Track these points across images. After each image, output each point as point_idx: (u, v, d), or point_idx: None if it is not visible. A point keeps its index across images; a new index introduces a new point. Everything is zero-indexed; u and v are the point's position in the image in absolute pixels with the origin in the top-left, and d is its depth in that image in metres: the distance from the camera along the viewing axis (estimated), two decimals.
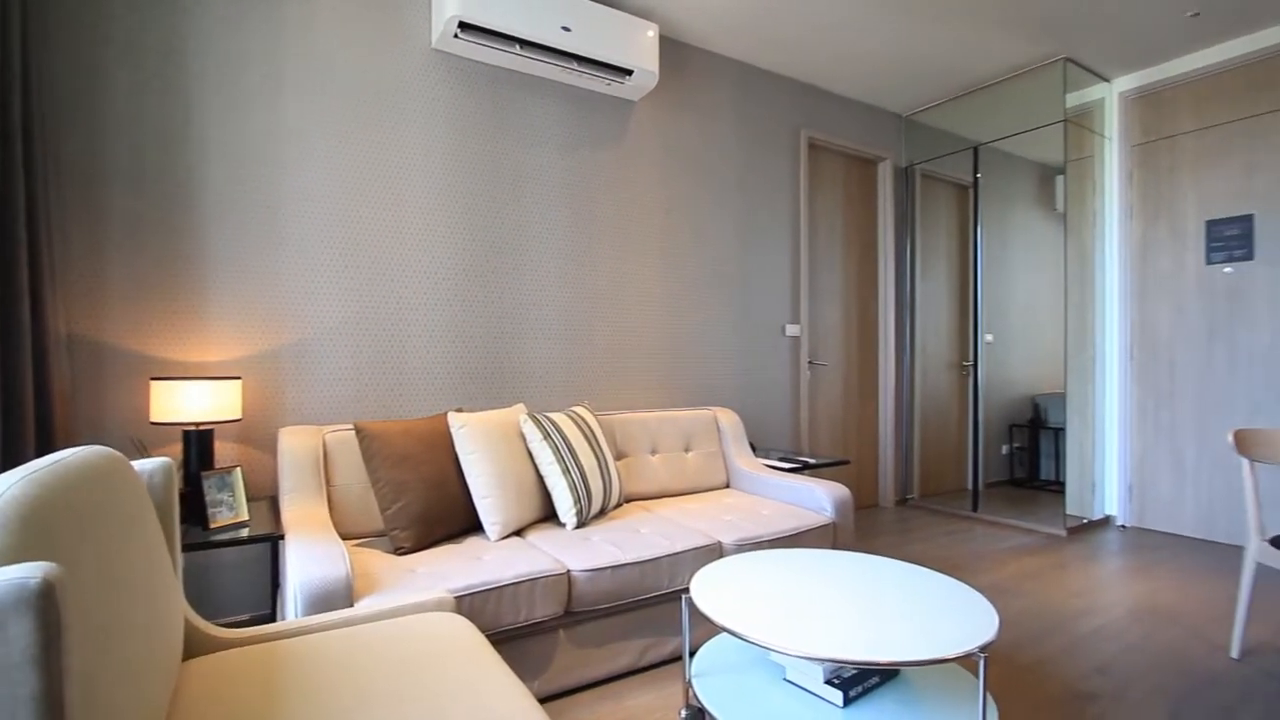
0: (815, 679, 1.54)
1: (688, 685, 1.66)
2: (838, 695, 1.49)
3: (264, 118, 2.34)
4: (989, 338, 4.38)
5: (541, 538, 2.11)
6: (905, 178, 4.53)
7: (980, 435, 4.32)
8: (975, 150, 4.28)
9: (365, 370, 2.53)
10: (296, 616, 1.50)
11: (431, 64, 2.69)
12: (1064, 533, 3.69)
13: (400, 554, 1.92)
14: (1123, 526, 3.89)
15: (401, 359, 2.61)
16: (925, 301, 4.56)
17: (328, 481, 2.13)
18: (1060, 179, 3.89)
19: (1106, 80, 3.97)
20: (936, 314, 4.59)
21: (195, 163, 2.23)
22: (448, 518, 2.05)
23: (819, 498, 2.57)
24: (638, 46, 2.90)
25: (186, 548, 1.70)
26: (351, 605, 1.56)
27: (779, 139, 3.84)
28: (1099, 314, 4.05)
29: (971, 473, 4.37)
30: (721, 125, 3.59)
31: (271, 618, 2.14)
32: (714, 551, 2.16)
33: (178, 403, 1.94)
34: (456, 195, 2.75)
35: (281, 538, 1.82)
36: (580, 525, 2.23)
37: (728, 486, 3.05)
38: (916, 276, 4.54)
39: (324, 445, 2.18)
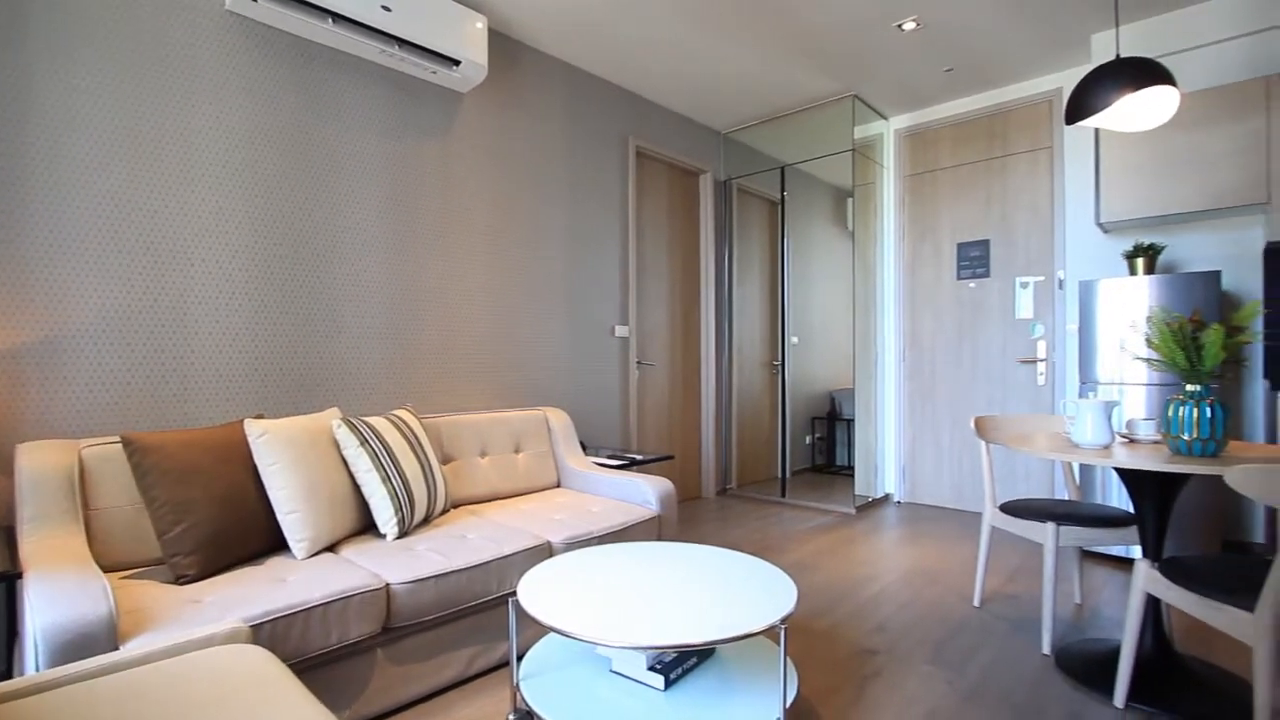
0: (639, 667, 1.61)
1: (515, 689, 1.65)
2: (659, 680, 1.57)
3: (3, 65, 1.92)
4: (795, 340, 4.87)
5: (358, 551, 1.97)
6: (724, 191, 4.87)
7: (787, 428, 4.78)
8: (782, 170, 4.73)
9: (138, 373, 2.18)
10: (38, 670, 1.25)
11: (226, 27, 2.39)
12: (854, 511, 4.21)
13: (183, 583, 1.68)
14: (899, 502, 4.53)
15: (185, 360, 2.28)
16: (742, 306, 4.95)
17: (86, 505, 1.81)
18: (850, 201, 4.44)
19: (885, 118, 4.60)
20: (751, 318, 5.00)
21: None
22: (244, 538, 1.83)
23: (645, 492, 2.68)
24: (466, 36, 2.82)
25: None
26: (117, 648, 1.34)
27: (608, 145, 3.94)
28: (879, 320, 4.68)
29: (780, 462, 4.82)
30: (552, 127, 3.60)
31: (8, 674, 1.76)
32: (543, 552, 2.17)
33: None
34: (257, 175, 2.46)
35: (19, 576, 1.51)
36: (403, 535, 2.12)
37: (559, 486, 3.07)
38: (734, 283, 4.91)
39: (81, 462, 1.84)
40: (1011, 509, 2.42)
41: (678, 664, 1.64)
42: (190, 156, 2.30)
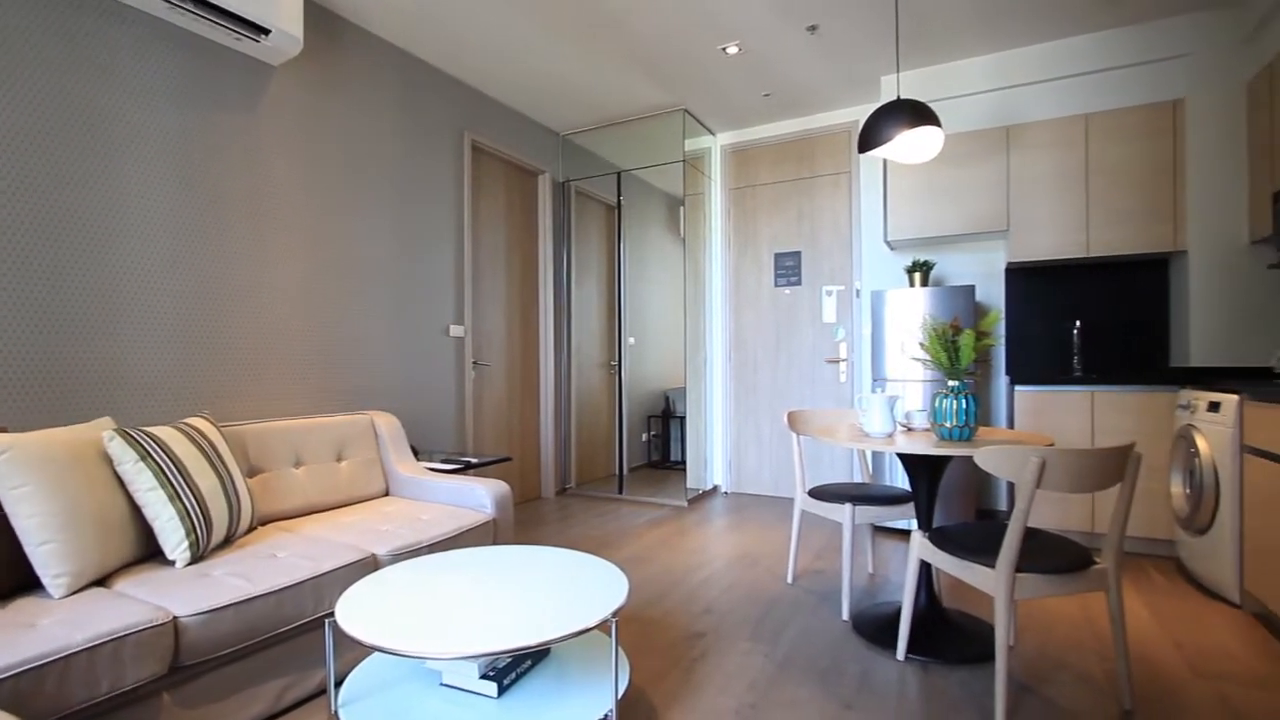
0: (471, 677, 1.57)
1: (333, 717, 1.53)
2: (492, 687, 1.55)
3: None
4: (631, 340, 5.03)
5: (138, 583, 1.71)
6: (563, 192, 4.89)
7: (624, 426, 4.92)
8: (619, 175, 4.86)
9: None
10: None
11: None
12: (686, 504, 4.45)
13: None
14: (726, 493, 4.85)
15: None
16: (580, 307, 5.01)
17: None
18: (682, 209, 4.68)
19: (713, 133, 4.91)
20: (589, 319, 5.08)
21: None
22: None
23: (480, 496, 2.62)
24: (276, 3, 2.55)
25: None
26: None
27: (443, 138, 3.78)
28: (708, 322, 4.98)
29: (618, 460, 4.94)
30: (381, 113, 3.38)
31: None
32: (368, 565, 2.03)
33: None
34: (2, 136, 2.03)
35: None
36: (197, 559, 1.87)
37: (387, 494, 2.90)
38: (572, 284, 4.95)
39: None
40: (817, 493, 2.70)
41: (512, 669, 1.62)
42: None
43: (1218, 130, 3.20)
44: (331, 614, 1.90)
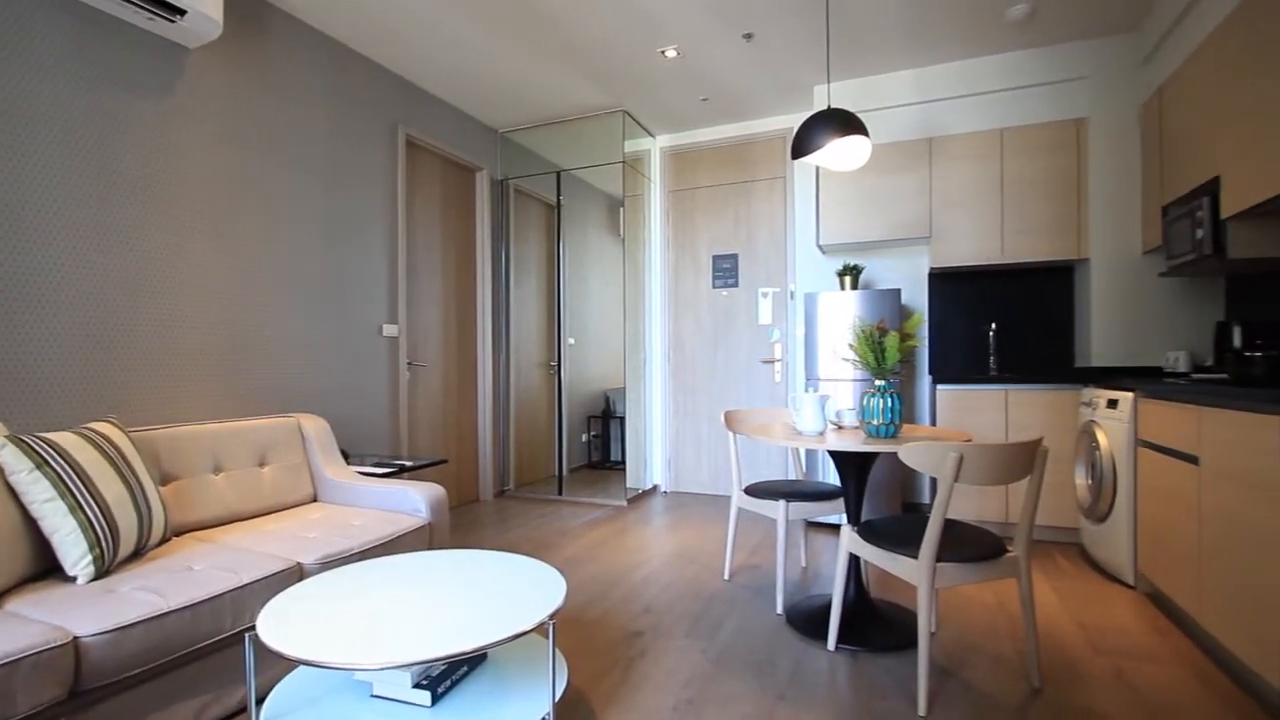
0: (403, 686, 1.53)
1: None
2: (425, 696, 1.51)
3: None
4: (571, 341, 5.00)
5: (33, 602, 1.58)
6: (501, 190, 4.82)
7: (564, 426, 4.89)
8: (559, 175, 4.83)
9: None
10: None
11: None
12: (625, 503, 4.46)
13: None
14: (665, 492, 4.90)
15: None
16: (519, 307, 4.95)
17: None
18: (622, 210, 4.69)
19: (652, 136, 4.95)
20: (528, 318, 5.03)
21: None
22: None
23: (414, 500, 2.55)
24: None
25: None
26: None
27: (375, 130, 3.66)
28: (648, 323, 5.02)
29: (558, 460, 4.91)
30: (308, 102, 3.24)
31: None
32: (293, 575, 1.95)
33: None
34: None
35: None
36: (102, 575, 1.74)
37: (315, 500, 2.78)
38: (511, 283, 4.88)
39: None
40: (753, 491, 2.77)
41: (446, 676, 1.59)
42: None
43: (1115, 148, 3.46)
44: (252, 627, 1.81)
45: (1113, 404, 2.82)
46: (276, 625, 1.43)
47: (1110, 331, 3.46)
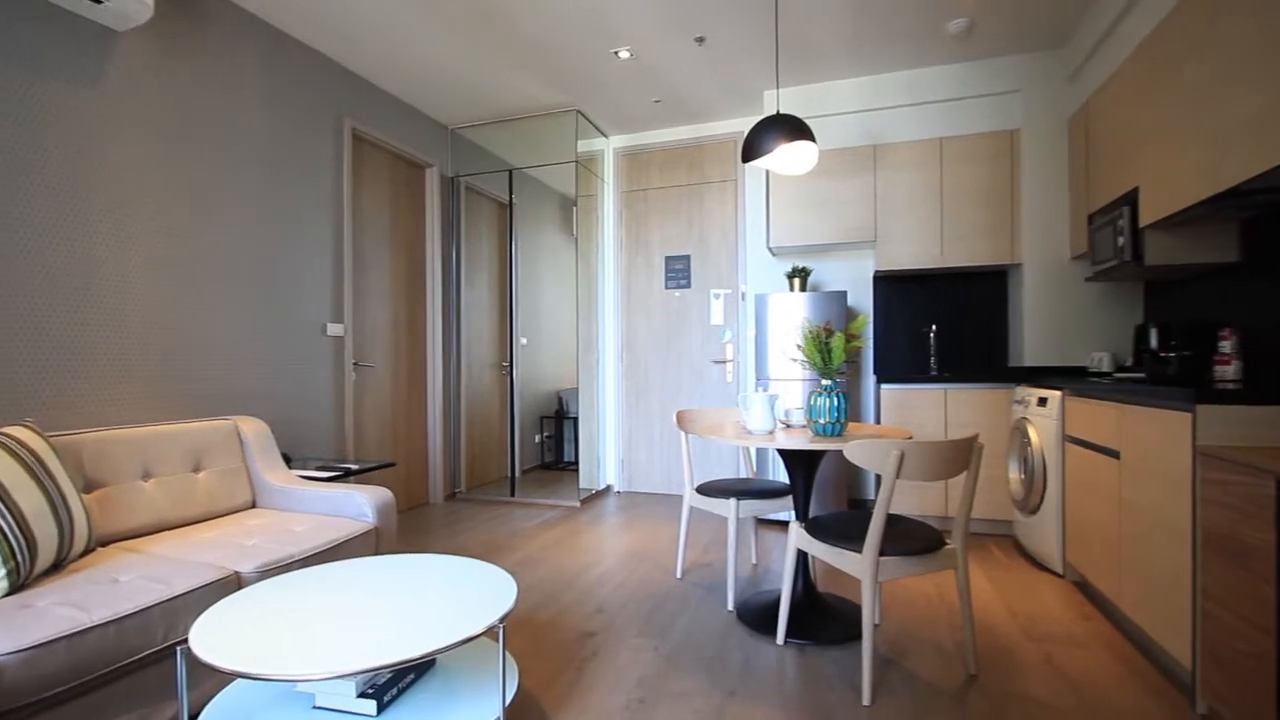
0: (348, 696, 1.49)
1: None
2: (371, 705, 1.47)
3: None
4: (524, 341, 4.95)
5: None
6: (452, 187, 4.74)
7: (517, 427, 4.84)
8: (511, 173, 4.78)
9: None
10: None
11: None
12: (579, 504, 4.45)
13: None
14: (618, 492, 4.90)
15: None
16: (470, 306, 4.87)
17: None
18: (575, 210, 4.67)
19: (606, 136, 4.94)
20: (480, 318, 4.95)
21: None
22: None
23: (360, 504, 2.48)
24: None
25: None
26: None
27: (319, 124, 3.55)
28: (601, 323, 5.01)
29: (510, 462, 4.86)
30: (247, 92, 3.11)
31: None
32: (230, 585, 1.87)
33: None
34: None
35: None
36: (17, 589, 1.64)
37: (254, 506, 2.68)
38: (462, 282, 4.80)
39: None
40: (705, 490, 2.80)
41: (393, 684, 1.55)
42: None
43: (1045, 158, 3.64)
44: (184, 641, 1.73)
45: (1043, 402, 2.96)
46: (211, 637, 1.37)
47: (1041, 333, 3.64)
